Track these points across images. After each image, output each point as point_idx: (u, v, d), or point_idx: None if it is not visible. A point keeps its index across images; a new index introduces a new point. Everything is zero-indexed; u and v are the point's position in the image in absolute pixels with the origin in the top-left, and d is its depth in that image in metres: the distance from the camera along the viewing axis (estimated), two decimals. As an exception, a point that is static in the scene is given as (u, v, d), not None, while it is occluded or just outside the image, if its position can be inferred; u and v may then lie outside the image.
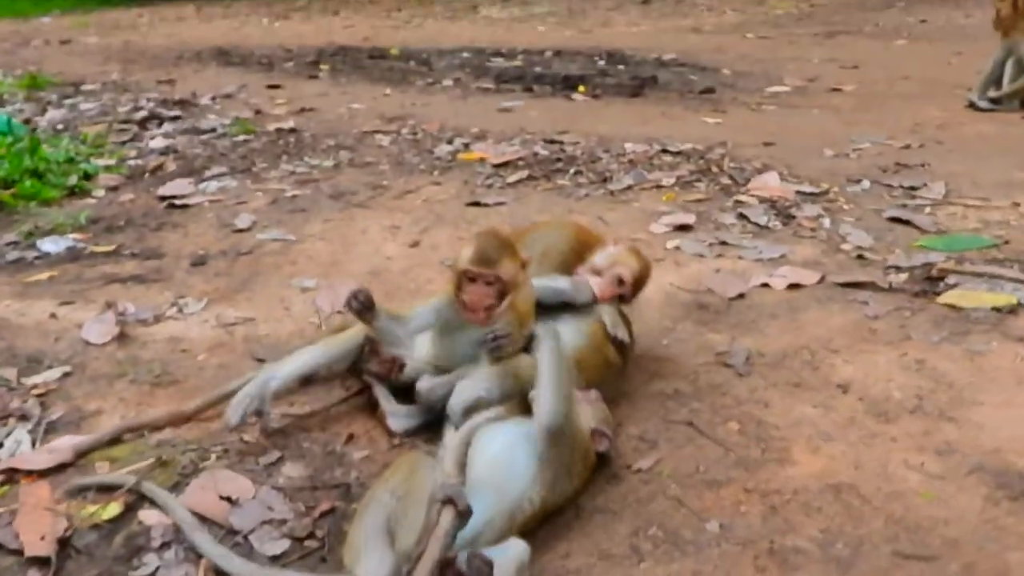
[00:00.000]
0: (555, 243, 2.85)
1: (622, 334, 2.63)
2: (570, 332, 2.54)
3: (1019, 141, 5.39)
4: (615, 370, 2.61)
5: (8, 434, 2.56)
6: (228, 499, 2.23)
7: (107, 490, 2.26)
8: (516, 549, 1.88)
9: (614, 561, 1.98)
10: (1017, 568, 1.90)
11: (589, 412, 2.27)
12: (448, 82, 8.32)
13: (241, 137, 6.24)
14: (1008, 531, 2.02)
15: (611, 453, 2.26)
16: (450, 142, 5.80)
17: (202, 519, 2.12)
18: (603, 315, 2.63)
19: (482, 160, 5.33)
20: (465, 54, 9.95)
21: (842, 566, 1.93)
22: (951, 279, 3.33)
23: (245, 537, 2.09)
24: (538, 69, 8.75)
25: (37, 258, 4.09)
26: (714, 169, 4.93)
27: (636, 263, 2.77)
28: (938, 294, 3.23)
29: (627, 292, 2.72)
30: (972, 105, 6.23)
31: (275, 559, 2.03)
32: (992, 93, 6.19)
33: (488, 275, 2.32)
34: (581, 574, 1.95)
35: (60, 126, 6.75)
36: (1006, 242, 3.71)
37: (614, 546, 2.03)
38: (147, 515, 2.18)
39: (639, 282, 2.76)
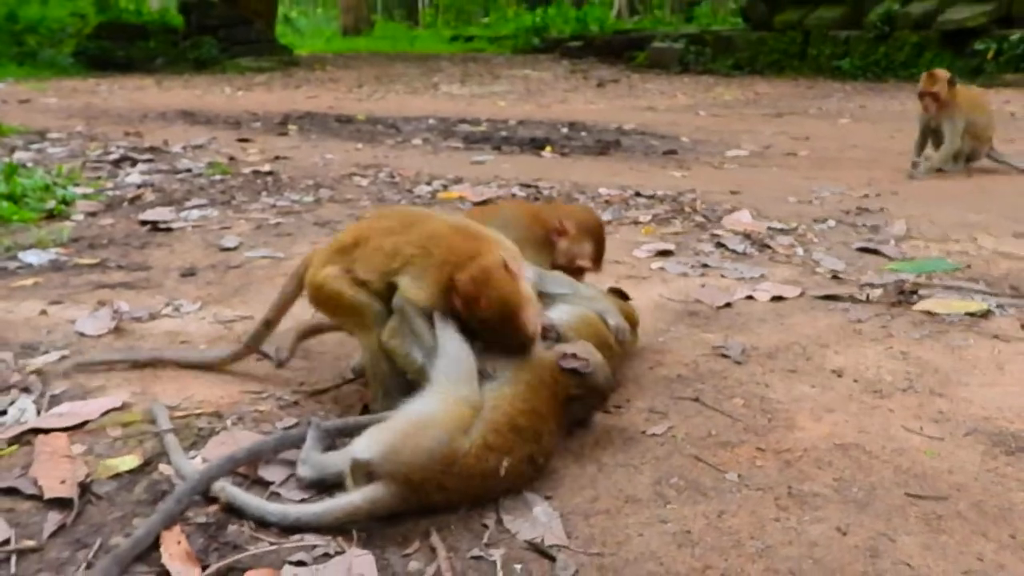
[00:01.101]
0: (520, 232, 2.82)
1: (624, 335, 2.67)
2: (564, 313, 2.62)
3: (968, 192, 5.74)
4: (612, 354, 2.66)
5: (12, 403, 2.53)
6: (250, 454, 2.23)
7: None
8: None
9: (641, 504, 2.03)
10: (1021, 505, 2.01)
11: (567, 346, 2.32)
12: (417, 141, 8.52)
13: (218, 176, 6.29)
14: (1009, 477, 2.13)
15: (586, 371, 2.21)
16: (428, 183, 5.94)
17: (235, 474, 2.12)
18: (607, 316, 2.66)
19: (461, 199, 5.46)
20: (431, 121, 10.21)
21: (859, 505, 2.01)
22: (924, 292, 3.52)
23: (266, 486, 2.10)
24: (504, 133, 9.02)
25: (20, 268, 4.05)
26: (687, 209, 5.14)
27: (588, 244, 2.91)
28: (912, 304, 3.41)
29: (593, 268, 2.92)
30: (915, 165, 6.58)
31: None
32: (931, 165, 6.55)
33: None
34: (610, 514, 1.99)
35: (30, 164, 6.70)
36: (968, 266, 3.94)
37: (639, 492, 2.08)
38: (168, 467, 2.17)
39: (598, 252, 2.93)
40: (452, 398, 2.01)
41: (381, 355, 2.35)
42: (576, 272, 2.87)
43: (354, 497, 1.92)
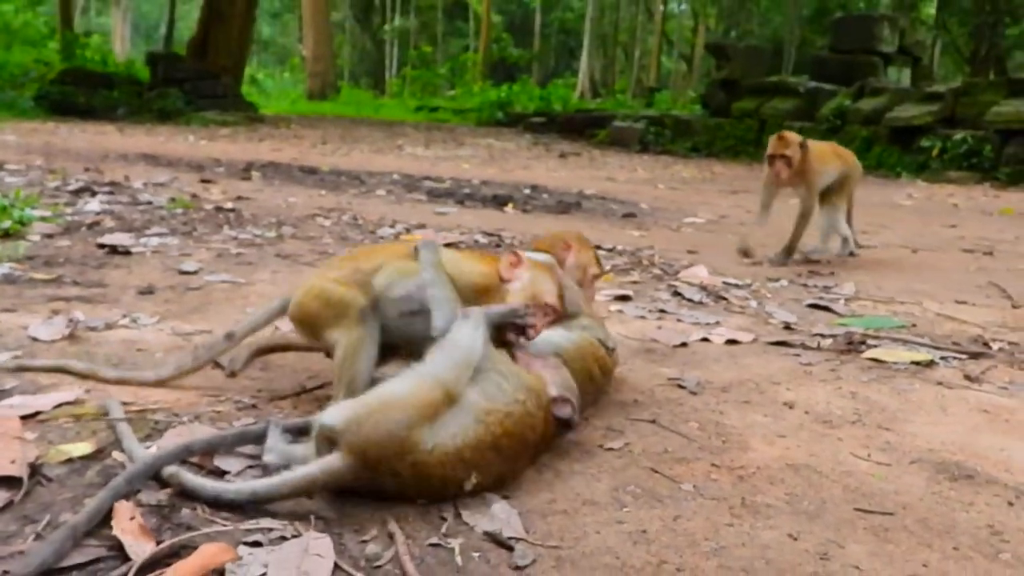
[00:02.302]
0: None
1: (612, 343, 2.80)
2: (565, 339, 2.66)
3: (913, 266, 5.96)
4: (596, 387, 2.71)
5: (-40, 394, 2.48)
6: (206, 446, 2.20)
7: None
8: None
9: (599, 507, 2.05)
10: (963, 523, 2.07)
11: (550, 375, 2.36)
12: (381, 192, 8.61)
13: (179, 210, 6.28)
14: (953, 499, 2.20)
15: (574, 420, 2.29)
16: (392, 226, 5.99)
17: (189, 464, 2.09)
18: (607, 342, 2.75)
19: (424, 242, 5.51)
20: (395, 176, 10.33)
21: (809, 516, 2.06)
22: (872, 342, 3.64)
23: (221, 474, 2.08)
24: (467, 190, 9.17)
25: (-29, 280, 3.98)
26: (646, 263, 5.26)
27: (590, 251, 3.05)
28: (861, 353, 3.52)
29: (600, 272, 3.07)
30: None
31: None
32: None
33: None
34: (568, 514, 2.01)
35: (-14, 190, 6.62)
36: (914, 325, 4.08)
37: (597, 497, 2.10)
38: (121, 455, 2.14)
39: (598, 257, 3.08)
40: (428, 381, 2.00)
41: (356, 352, 2.37)
42: (589, 282, 2.99)
43: (311, 468, 1.90)
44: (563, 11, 48.29)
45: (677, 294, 4.45)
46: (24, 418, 2.31)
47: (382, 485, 1.92)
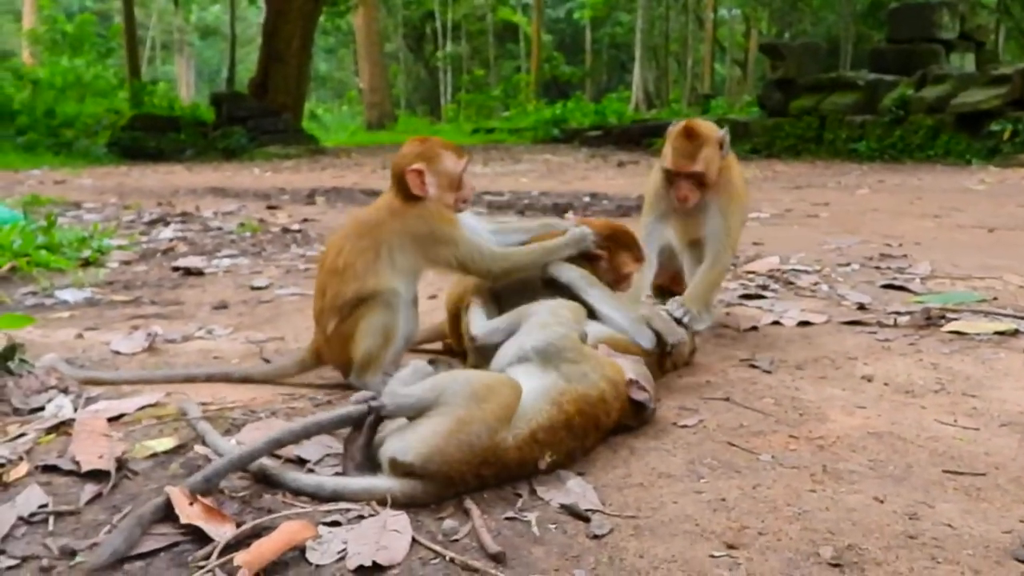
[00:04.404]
0: None
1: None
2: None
3: (989, 244, 5.76)
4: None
5: (50, 400, 2.57)
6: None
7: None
8: None
9: (675, 479, 2.02)
10: (1063, 481, 1.98)
11: (628, 365, 2.36)
12: (442, 208, 8.69)
13: (248, 233, 6.44)
14: (1048, 459, 2.11)
15: (649, 404, 2.30)
16: (454, 237, 6.04)
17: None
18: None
19: (487, 249, 5.54)
20: (454, 193, 10.42)
21: (896, 480, 2.00)
22: (951, 316, 3.52)
23: (305, 465, 2.11)
24: (526, 201, 9.20)
25: (56, 304, 4.14)
26: (710, 256, 5.18)
27: (626, 253, 3.06)
28: (940, 327, 3.41)
29: (638, 268, 3.11)
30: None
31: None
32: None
33: None
34: (644, 486, 1.98)
35: (67, 226, 6.88)
36: (995, 298, 3.93)
37: (672, 469, 2.07)
38: (203, 449, 2.19)
39: (637, 252, 3.12)
40: (503, 379, 2.04)
41: None
42: (625, 278, 2.99)
43: (392, 486, 1.90)
44: (612, 26, 48.14)
45: (744, 284, 4.37)
46: (110, 420, 2.39)
47: (466, 490, 1.92)
